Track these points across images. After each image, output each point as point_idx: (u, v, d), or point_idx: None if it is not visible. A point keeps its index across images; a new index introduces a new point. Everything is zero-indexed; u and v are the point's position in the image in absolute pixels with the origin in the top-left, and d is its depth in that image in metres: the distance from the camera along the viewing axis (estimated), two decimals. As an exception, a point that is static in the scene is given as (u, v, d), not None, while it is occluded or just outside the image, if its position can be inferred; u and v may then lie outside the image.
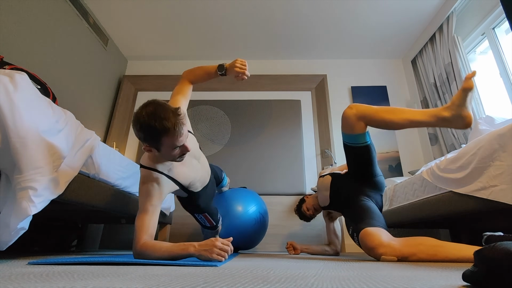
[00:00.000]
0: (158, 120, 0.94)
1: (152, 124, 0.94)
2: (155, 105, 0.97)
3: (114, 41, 3.17)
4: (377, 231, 1.18)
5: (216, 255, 0.90)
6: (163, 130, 0.95)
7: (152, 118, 0.94)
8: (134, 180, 1.62)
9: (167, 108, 0.98)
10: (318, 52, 3.35)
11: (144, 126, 0.95)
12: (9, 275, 0.59)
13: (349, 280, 0.58)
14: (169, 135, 0.97)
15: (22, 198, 0.88)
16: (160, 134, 0.96)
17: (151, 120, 0.94)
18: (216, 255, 0.90)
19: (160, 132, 0.96)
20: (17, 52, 1.95)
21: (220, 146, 3.01)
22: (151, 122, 0.94)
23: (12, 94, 0.88)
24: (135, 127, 0.98)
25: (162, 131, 0.95)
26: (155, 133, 0.96)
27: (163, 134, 0.96)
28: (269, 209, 2.76)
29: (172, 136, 0.98)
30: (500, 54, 2.14)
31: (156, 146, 1.02)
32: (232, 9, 2.74)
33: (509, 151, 1.08)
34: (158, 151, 1.04)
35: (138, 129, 0.97)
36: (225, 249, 0.92)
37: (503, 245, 0.45)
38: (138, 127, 0.97)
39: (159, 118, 0.94)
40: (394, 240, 1.13)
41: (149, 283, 0.50)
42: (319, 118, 3.14)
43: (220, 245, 0.92)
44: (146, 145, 1.03)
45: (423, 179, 1.64)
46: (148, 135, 0.98)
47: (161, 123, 0.94)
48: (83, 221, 2.30)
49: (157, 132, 0.95)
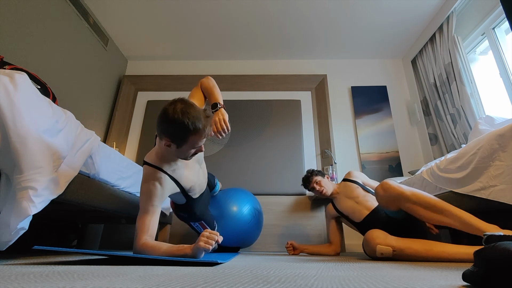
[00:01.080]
0: (191, 118, 0.97)
1: (186, 122, 0.97)
2: (186, 104, 1.00)
3: (114, 41, 3.17)
4: (379, 231, 1.20)
5: (204, 244, 0.91)
6: (195, 129, 0.99)
7: (186, 116, 0.97)
8: (134, 180, 1.62)
9: (198, 108, 1.02)
10: (318, 52, 3.35)
11: (177, 122, 0.97)
12: (9, 275, 0.59)
13: (349, 280, 0.58)
14: (197, 134, 1.01)
15: (22, 198, 0.88)
16: (190, 132, 0.99)
17: (184, 117, 0.97)
18: (204, 244, 0.91)
19: (191, 131, 0.99)
20: (17, 52, 1.95)
21: (220, 146, 3.02)
22: (185, 120, 0.97)
23: (12, 94, 0.88)
24: (164, 122, 1.00)
25: (194, 130, 0.99)
26: (186, 130, 0.99)
27: (193, 133, 1.00)
28: (269, 209, 2.78)
29: (199, 136, 1.02)
30: (500, 54, 2.14)
31: (179, 143, 1.04)
32: (232, 9, 2.74)
33: (509, 151, 1.08)
34: (178, 148, 1.06)
35: (168, 123, 0.99)
36: (211, 237, 0.94)
37: (503, 245, 0.45)
38: (168, 121, 0.99)
39: (192, 117, 0.98)
40: (392, 236, 1.16)
41: (149, 283, 0.50)
42: (319, 118, 3.14)
43: (207, 234, 0.94)
44: (168, 140, 1.03)
45: (423, 179, 1.64)
46: (178, 131, 1.00)
47: (193, 122, 0.98)
48: (83, 221, 2.30)
49: (188, 130, 0.99)
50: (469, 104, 2.21)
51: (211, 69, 3.40)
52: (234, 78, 3.34)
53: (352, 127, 3.11)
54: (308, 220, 2.70)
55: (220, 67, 3.44)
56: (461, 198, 1.30)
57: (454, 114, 2.40)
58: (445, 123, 2.51)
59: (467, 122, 2.23)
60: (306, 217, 2.71)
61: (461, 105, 2.29)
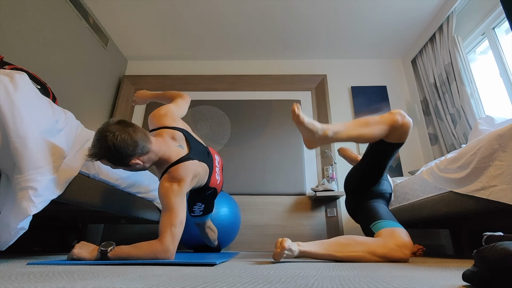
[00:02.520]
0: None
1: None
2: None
3: (114, 41, 3.17)
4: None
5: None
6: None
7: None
8: (134, 180, 1.62)
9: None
10: (318, 52, 3.35)
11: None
12: (9, 275, 0.59)
13: (349, 280, 0.58)
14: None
15: (22, 198, 0.88)
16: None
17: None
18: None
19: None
20: (17, 52, 1.95)
21: (220, 146, 3.01)
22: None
23: (12, 94, 0.88)
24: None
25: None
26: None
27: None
28: (269, 209, 2.78)
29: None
30: (500, 54, 2.14)
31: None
32: (232, 9, 2.74)
33: (509, 151, 1.08)
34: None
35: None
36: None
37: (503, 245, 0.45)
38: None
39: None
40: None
41: (149, 283, 0.50)
42: (319, 118, 3.14)
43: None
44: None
45: (423, 179, 1.64)
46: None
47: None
48: (83, 221, 2.30)
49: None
50: (469, 104, 2.21)
51: (211, 69, 3.40)
52: (234, 78, 3.34)
53: (352, 127, 3.10)
54: (308, 220, 2.70)
55: (220, 67, 3.44)
56: (461, 198, 1.30)
57: (454, 114, 2.40)
58: (445, 123, 2.51)
59: (467, 122, 2.23)
60: (306, 217, 2.71)
61: (461, 105, 2.29)
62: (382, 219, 1.25)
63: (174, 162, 1.15)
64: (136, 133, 1.05)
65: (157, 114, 1.33)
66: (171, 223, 1.03)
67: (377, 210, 1.30)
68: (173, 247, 1.02)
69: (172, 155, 1.17)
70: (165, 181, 1.11)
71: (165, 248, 1.00)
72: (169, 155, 1.17)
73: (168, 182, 1.11)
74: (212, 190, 1.45)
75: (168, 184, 1.10)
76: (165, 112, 1.34)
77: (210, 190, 1.44)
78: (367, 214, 1.32)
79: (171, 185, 1.10)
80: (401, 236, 1.14)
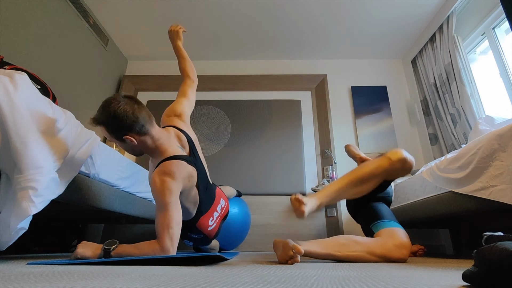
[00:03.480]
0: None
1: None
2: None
3: (114, 41, 3.17)
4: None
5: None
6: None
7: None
8: (134, 180, 1.62)
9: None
10: (318, 52, 3.34)
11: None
12: (9, 275, 0.59)
13: (349, 280, 0.58)
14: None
15: (22, 198, 0.88)
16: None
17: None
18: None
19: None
20: (17, 52, 1.95)
21: (220, 146, 3.01)
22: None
23: (12, 94, 0.88)
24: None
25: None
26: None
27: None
28: (269, 209, 2.78)
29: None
30: (500, 54, 2.14)
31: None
32: (232, 9, 2.74)
33: (509, 151, 1.08)
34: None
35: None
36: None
37: (503, 245, 0.45)
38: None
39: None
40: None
41: (149, 283, 0.50)
42: (319, 118, 3.14)
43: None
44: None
45: (423, 179, 1.64)
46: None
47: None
48: (83, 221, 2.30)
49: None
50: (469, 104, 2.21)
51: (211, 69, 3.40)
52: (234, 78, 3.34)
53: (352, 127, 3.11)
54: (308, 220, 2.70)
55: (220, 67, 3.44)
56: (461, 198, 1.30)
57: (454, 114, 2.40)
58: (445, 123, 2.51)
59: (467, 122, 2.23)
60: (306, 217, 2.70)
61: (461, 105, 2.29)
62: (383, 219, 1.25)
63: (170, 157, 1.11)
64: (141, 111, 1.05)
65: (171, 115, 1.32)
66: (168, 225, 1.00)
67: (378, 210, 1.30)
68: (172, 249, 1.01)
69: (170, 149, 1.14)
70: (156, 175, 1.06)
71: (164, 251, 0.98)
72: (166, 147, 1.14)
73: (159, 176, 1.06)
74: (201, 236, 1.36)
75: (159, 178, 1.05)
76: (180, 113, 1.34)
77: (198, 234, 1.35)
78: (368, 214, 1.32)
79: (163, 180, 1.04)
80: (399, 236, 1.15)
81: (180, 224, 1.05)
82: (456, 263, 1.12)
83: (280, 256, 1.03)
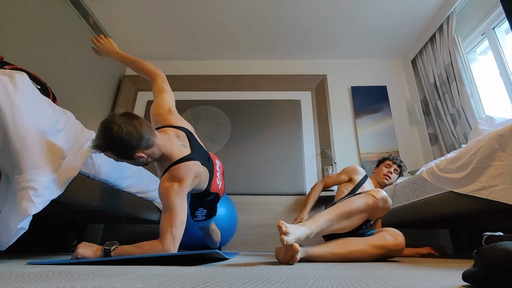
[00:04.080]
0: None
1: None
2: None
3: (114, 41, 3.16)
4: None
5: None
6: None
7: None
8: (134, 180, 1.62)
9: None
10: (318, 52, 3.34)
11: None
12: (9, 275, 0.59)
13: (349, 280, 0.58)
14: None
15: (22, 198, 0.88)
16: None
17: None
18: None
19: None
20: (17, 52, 1.95)
21: (220, 146, 3.01)
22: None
23: (12, 94, 0.88)
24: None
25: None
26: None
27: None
28: (269, 209, 2.78)
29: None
30: (500, 54, 2.14)
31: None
32: (232, 9, 2.74)
33: (509, 151, 1.08)
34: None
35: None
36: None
37: (503, 245, 0.45)
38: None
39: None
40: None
41: (149, 283, 0.50)
42: (319, 118, 3.14)
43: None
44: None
45: (423, 179, 1.64)
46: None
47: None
48: (83, 221, 2.30)
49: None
50: (469, 104, 2.21)
51: (211, 69, 3.40)
52: (234, 78, 3.34)
53: (352, 127, 3.11)
54: (308, 220, 2.70)
55: (220, 67, 3.44)
56: (461, 198, 1.30)
57: (454, 114, 2.40)
58: (445, 123, 2.51)
59: (467, 122, 2.23)
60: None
61: (461, 105, 2.29)
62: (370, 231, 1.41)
63: (176, 161, 1.14)
64: (142, 125, 1.04)
65: (161, 112, 1.30)
66: (171, 224, 1.03)
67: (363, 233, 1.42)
68: (173, 248, 1.02)
69: (175, 153, 1.16)
70: (165, 181, 1.11)
71: (165, 249, 1.00)
72: (171, 152, 1.16)
73: (169, 181, 1.10)
74: (214, 195, 1.44)
75: (169, 183, 1.09)
76: (168, 109, 1.32)
77: (212, 195, 1.43)
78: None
79: (172, 185, 1.09)
80: (392, 228, 1.29)
81: (184, 224, 1.08)
82: (456, 263, 1.12)
83: (283, 257, 1.04)
